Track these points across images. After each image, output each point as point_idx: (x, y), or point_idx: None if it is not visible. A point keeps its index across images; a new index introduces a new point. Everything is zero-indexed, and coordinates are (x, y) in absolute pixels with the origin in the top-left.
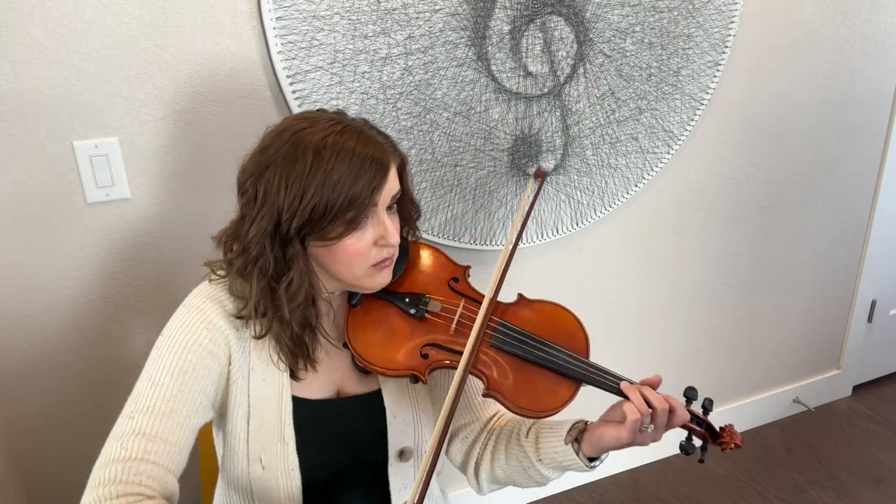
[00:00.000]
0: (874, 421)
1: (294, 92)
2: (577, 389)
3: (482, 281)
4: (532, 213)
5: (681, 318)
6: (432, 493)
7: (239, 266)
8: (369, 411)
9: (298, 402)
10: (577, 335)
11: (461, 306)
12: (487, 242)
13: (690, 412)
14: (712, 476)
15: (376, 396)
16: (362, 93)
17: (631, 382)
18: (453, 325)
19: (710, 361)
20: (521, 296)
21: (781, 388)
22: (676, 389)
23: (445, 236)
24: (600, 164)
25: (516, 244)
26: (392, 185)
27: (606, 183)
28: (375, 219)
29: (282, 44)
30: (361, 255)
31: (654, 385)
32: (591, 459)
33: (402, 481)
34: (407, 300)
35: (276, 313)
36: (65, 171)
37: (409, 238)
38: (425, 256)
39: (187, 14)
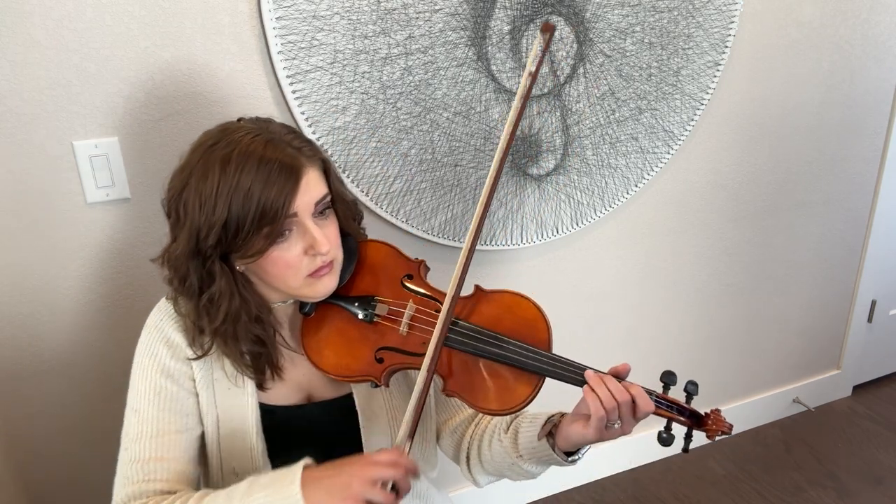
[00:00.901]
0: (874, 421)
1: (294, 92)
2: (538, 385)
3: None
4: (533, 214)
5: (681, 318)
6: (426, 494)
7: (175, 286)
8: (341, 415)
9: (267, 410)
10: (537, 325)
11: (409, 307)
12: (487, 242)
13: (668, 400)
14: (712, 476)
15: (347, 400)
16: (362, 93)
17: (596, 372)
18: (403, 328)
19: (710, 361)
20: (477, 287)
21: (781, 388)
22: (677, 389)
23: (445, 236)
24: (600, 164)
25: (487, 207)
26: (313, 192)
27: (606, 183)
28: (300, 228)
29: (282, 44)
30: (292, 266)
31: (620, 375)
32: (570, 454)
33: None
34: (356, 304)
35: (214, 332)
36: (65, 171)
37: (362, 239)
38: (376, 255)
39: (187, 14)
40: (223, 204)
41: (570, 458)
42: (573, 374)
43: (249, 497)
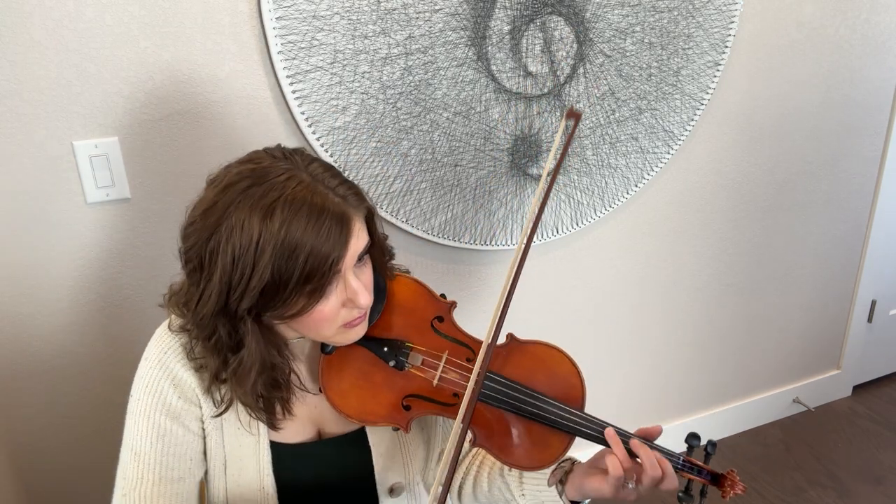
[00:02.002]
0: (874, 421)
1: (294, 92)
2: (569, 443)
3: (482, 281)
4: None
5: (681, 319)
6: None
7: (194, 335)
8: (353, 450)
9: (277, 448)
10: (571, 382)
11: (444, 358)
12: (487, 242)
13: (691, 462)
14: None
15: (359, 434)
16: (362, 93)
17: (624, 434)
18: (436, 380)
19: (710, 361)
20: (511, 337)
21: (781, 388)
22: (677, 389)
23: (445, 236)
24: (600, 164)
25: (527, 250)
26: (358, 242)
27: (606, 183)
28: (341, 282)
29: (282, 44)
30: (329, 320)
31: (651, 437)
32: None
33: None
34: (386, 349)
35: (233, 377)
36: (65, 171)
37: (391, 278)
38: (407, 295)
39: (187, 14)
40: (266, 261)
41: None
42: (603, 435)
43: None
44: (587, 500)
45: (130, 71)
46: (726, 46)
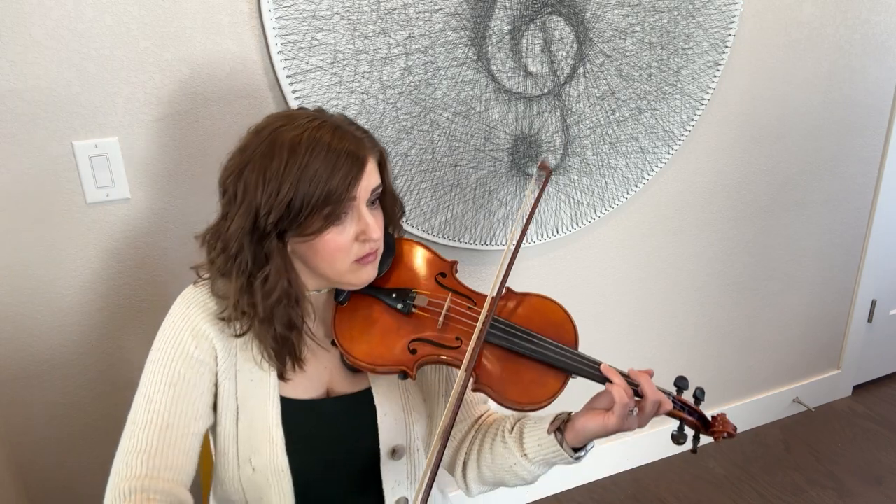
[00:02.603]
0: (874, 421)
1: (294, 92)
2: (566, 381)
3: (482, 281)
4: (534, 215)
5: (681, 318)
6: (432, 495)
7: (220, 264)
8: (359, 410)
9: (287, 403)
10: (565, 327)
11: (448, 300)
12: (487, 242)
13: (681, 401)
14: (712, 476)
15: (366, 395)
16: (362, 93)
17: (618, 371)
18: (441, 320)
19: (709, 361)
20: (509, 289)
21: (781, 388)
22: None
23: (445, 236)
24: (600, 164)
25: (519, 245)
26: (371, 180)
27: (606, 183)
28: (355, 213)
29: (282, 44)
30: (343, 250)
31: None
32: (575, 451)
33: (394, 479)
34: (394, 296)
35: (255, 311)
36: (65, 171)
37: (396, 235)
38: (412, 252)
39: (187, 14)
40: (290, 183)
41: (576, 455)
42: (598, 371)
43: None
44: (589, 447)
45: (130, 71)
46: (726, 46)
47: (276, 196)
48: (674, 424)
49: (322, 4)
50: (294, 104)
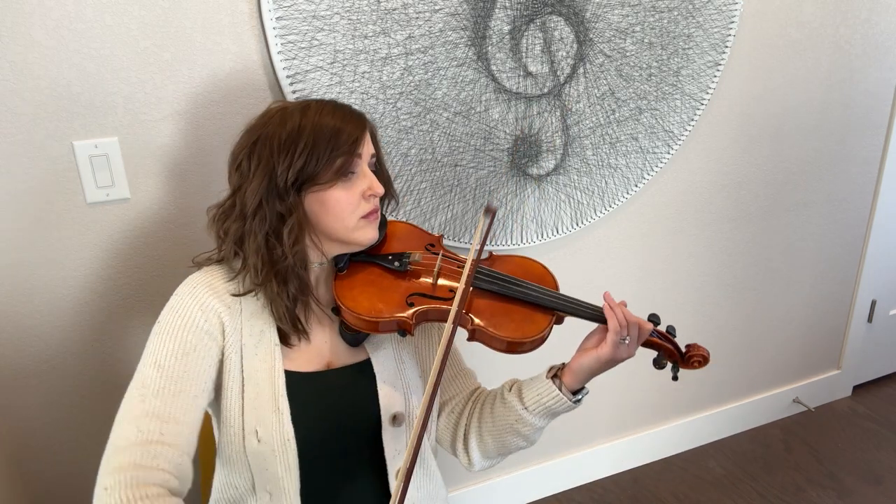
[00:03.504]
0: (874, 421)
1: (294, 92)
2: (553, 318)
3: None
4: (533, 214)
5: (680, 318)
6: (425, 459)
7: (234, 229)
8: (360, 379)
9: (290, 375)
10: (546, 278)
11: (440, 259)
12: (487, 243)
13: (658, 331)
14: (712, 476)
15: (366, 365)
16: (362, 93)
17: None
18: (435, 274)
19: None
20: (491, 253)
21: (781, 388)
22: (677, 389)
23: (445, 236)
24: (600, 164)
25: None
26: (369, 144)
27: (606, 183)
28: (360, 172)
29: (282, 44)
30: (352, 203)
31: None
32: (574, 394)
33: (395, 447)
34: (390, 257)
35: (273, 268)
36: (65, 171)
37: (388, 215)
38: (402, 229)
39: (187, 14)
40: (305, 140)
41: (575, 398)
42: (583, 307)
43: None
44: (585, 392)
45: (130, 71)
46: (726, 46)
47: (292, 153)
48: (652, 355)
49: (322, 4)
50: None
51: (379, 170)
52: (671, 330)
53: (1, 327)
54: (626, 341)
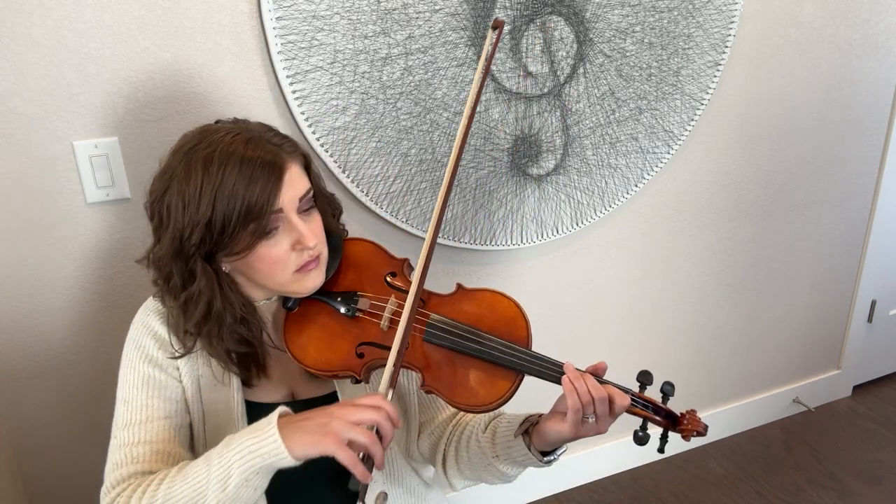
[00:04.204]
0: (874, 421)
1: (294, 92)
2: (516, 381)
3: (481, 281)
4: (533, 214)
5: (680, 318)
6: (420, 492)
7: (158, 287)
8: None
9: (252, 406)
10: (516, 323)
11: (390, 301)
12: (487, 242)
13: (643, 399)
14: (712, 476)
15: (331, 399)
16: (362, 93)
17: (575, 369)
18: (384, 322)
19: (709, 361)
20: (459, 286)
21: (781, 388)
22: (679, 389)
23: (445, 236)
24: (600, 164)
25: (454, 174)
26: (296, 187)
27: (606, 183)
28: (286, 224)
29: (282, 44)
30: (280, 261)
31: (598, 372)
32: (546, 454)
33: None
34: (339, 299)
35: (198, 333)
36: (65, 171)
37: (344, 235)
38: (360, 252)
39: (187, 14)
40: (207, 202)
41: (545, 459)
42: (551, 370)
43: (227, 450)
44: (560, 451)
45: (130, 71)
46: (726, 46)
47: (195, 217)
48: (636, 422)
49: (322, 4)
50: (294, 104)
51: (317, 202)
52: (667, 390)
53: (1, 327)
54: (591, 419)
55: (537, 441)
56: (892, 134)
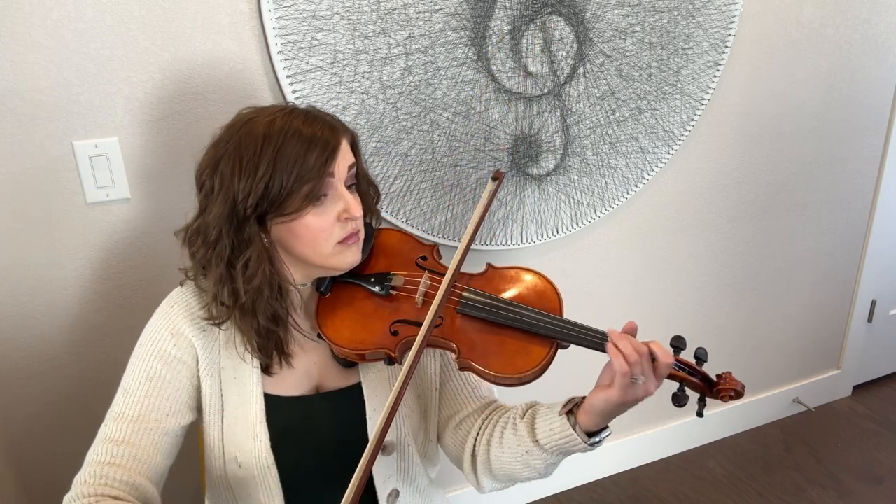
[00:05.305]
0: (874, 421)
1: (294, 92)
2: (552, 348)
3: None
4: (533, 215)
5: (680, 319)
6: (427, 492)
7: (200, 255)
8: (349, 405)
9: (273, 400)
10: (548, 295)
11: (424, 278)
12: (487, 242)
13: (680, 361)
14: (712, 476)
15: (356, 389)
16: (362, 93)
17: (603, 333)
18: (419, 298)
19: (709, 361)
20: (489, 265)
21: (781, 388)
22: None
23: (445, 236)
24: (600, 164)
25: (474, 235)
26: (346, 157)
27: (606, 183)
28: (335, 193)
29: (282, 44)
30: (325, 230)
31: (631, 332)
32: (591, 436)
33: (385, 472)
34: (372, 279)
35: (236, 302)
36: (65, 171)
37: (375, 225)
38: (391, 239)
39: (187, 14)
40: (266, 166)
41: (590, 441)
42: (588, 336)
43: None
44: (604, 434)
45: (130, 71)
46: (726, 46)
47: (252, 179)
48: (672, 386)
49: (322, 4)
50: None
51: (359, 184)
52: (701, 355)
53: (1, 327)
54: (639, 381)
55: (583, 418)
56: (892, 134)
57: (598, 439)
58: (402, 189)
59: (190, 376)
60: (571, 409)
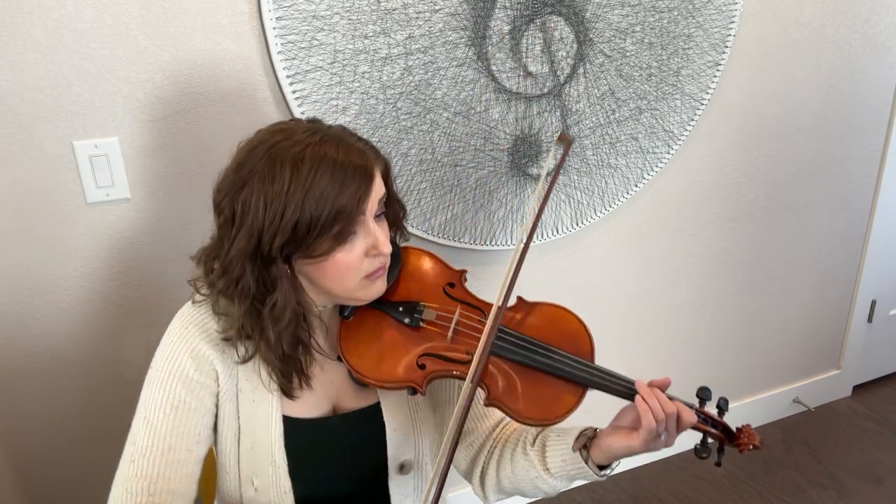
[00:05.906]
0: (874, 421)
1: (294, 92)
2: (582, 395)
3: (482, 281)
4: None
5: (680, 318)
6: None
7: (221, 287)
8: (368, 426)
9: (291, 423)
10: (581, 339)
11: (457, 313)
12: (487, 242)
13: (704, 413)
14: (712, 476)
15: (375, 410)
16: (362, 93)
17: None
18: (450, 334)
19: (710, 361)
20: (520, 299)
21: (781, 388)
22: (679, 389)
23: (445, 236)
24: (600, 164)
25: (529, 241)
26: (378, 191)
27: (606, 183)
28: (364, 229)
29: (282, 44)
30: (353, 268)
31: (662, 388)
32: (601, 468)
33: (402, 492)
34: (401, 309)
35: (262, 335)
36: (65, 171)
37: (400, 243)
38: (419, 262)
39: (187, 14)
40: (295, 205)
41: (602, 473)
42: (619, 384)
43: None
44: (615, 464)
45: (130, 71)
46: (726, 46)
47: (280, 219)
48: (696, 437)
49: (322, 4)
50: (294, 104)
51: (388, 208)
52: (723, 405)
53: (1, 327)
54: (662, 437)
55: (597, 455)
56: (892, 134)
57: (609, 471)
58: (402, 189)
59: (211, 400)
60: (585, 443)
